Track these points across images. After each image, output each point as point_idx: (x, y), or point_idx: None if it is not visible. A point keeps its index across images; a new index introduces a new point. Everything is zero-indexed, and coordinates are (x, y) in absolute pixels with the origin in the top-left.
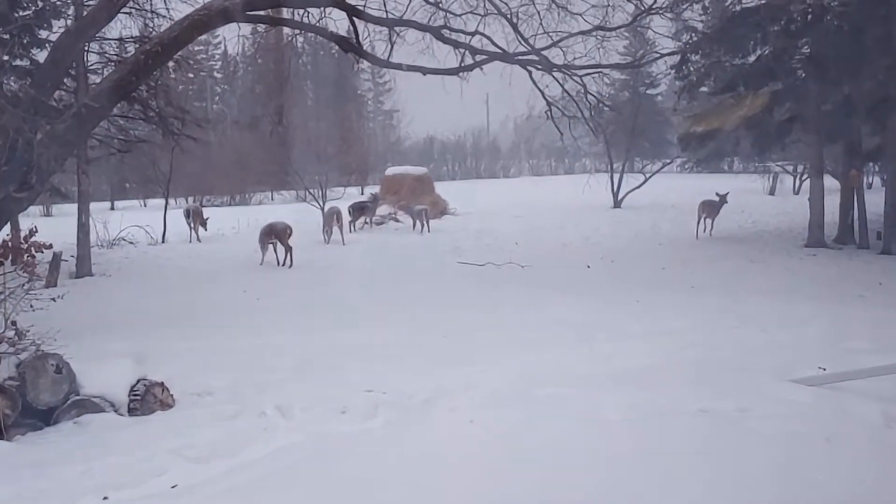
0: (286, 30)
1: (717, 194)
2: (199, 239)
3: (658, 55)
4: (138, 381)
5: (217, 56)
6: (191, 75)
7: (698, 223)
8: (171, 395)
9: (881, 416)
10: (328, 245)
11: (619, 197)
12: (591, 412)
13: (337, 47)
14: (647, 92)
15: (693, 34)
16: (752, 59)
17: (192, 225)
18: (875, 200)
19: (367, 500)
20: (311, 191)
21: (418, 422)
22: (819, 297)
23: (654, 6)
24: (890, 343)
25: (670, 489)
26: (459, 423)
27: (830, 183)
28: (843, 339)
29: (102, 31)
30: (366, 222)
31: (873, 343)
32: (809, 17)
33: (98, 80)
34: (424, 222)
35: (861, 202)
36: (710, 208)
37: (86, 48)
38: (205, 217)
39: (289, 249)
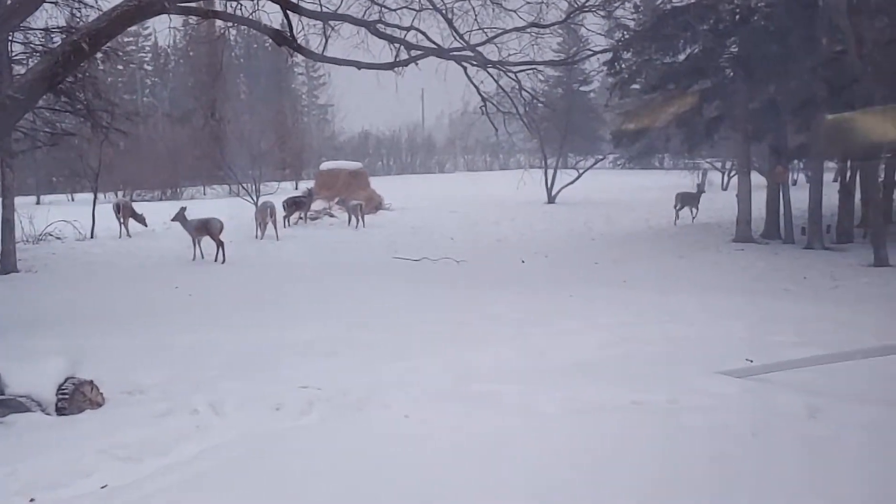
0: (219, 22)
1: (697, 185)
2: (128, 234)
3: (591, 52)
4: (66, 380)
5: (147, 48)
6: (120, 67)
7: (676, 212)
8: (101, 394)
9: (804, 408)
10: (262, 240)
11: (553, 193)
12: (526, 407)
13: (271, 41)
14: (581, 89)
15: (625, 32)
16: (682, 57)
17: (122, 220)
18: (800, 197)
19: (301, 497)
20: (245, 185)
21: (354, 418)
22: (746, 291)
23: (586, 4)
24: (813, 336)
25: (604, 482)
26: (395, 418)
27: (757, 180)
28: (769, 332)
29: (27, 20)
30: (300, 217)
31: (797, 336)
32: (737, 17)
33: (23, 72)
34: (360, 217)
35: (786, 199)
36: (687, 198)
37: (10, 38)
38: (138, 212)
39: (221, 245)
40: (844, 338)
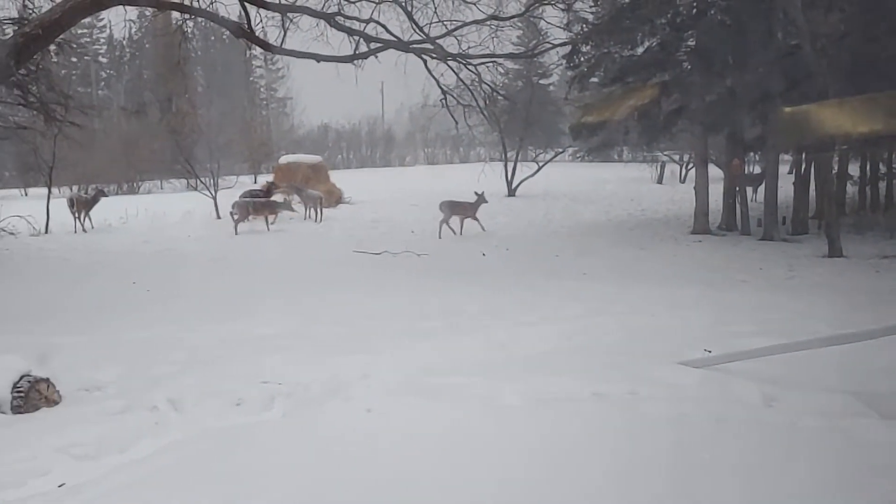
0: (175, 14)
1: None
2: (84, 229)
3: (550, 45)
4: (21, 378)
5: (102, 40)
6: (74, 60)
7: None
8: (57, 392)
9: (760, 396)
10: (221, 235)
11: (514, 186)
12: (488, 399)
13: (228, 33)
14: (540, 82)
15: (584, 25)
16: (640, 50)
17: (77, 215)
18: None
19: (264, 493)
20: (203, 179)
21: (315, 412)
22: (704, 282)
23: None
24: (769, 326)
25: (567, 474)
26: (357, 412)
27: (715, 172)
28: (727, 322)
29: None
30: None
31: (754, 326)
32: (695, 10)
33: None
34: (318, 210)
35: (743, 190)
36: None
37: None
38: (95, 199)
39: None
40: (800, 327)
